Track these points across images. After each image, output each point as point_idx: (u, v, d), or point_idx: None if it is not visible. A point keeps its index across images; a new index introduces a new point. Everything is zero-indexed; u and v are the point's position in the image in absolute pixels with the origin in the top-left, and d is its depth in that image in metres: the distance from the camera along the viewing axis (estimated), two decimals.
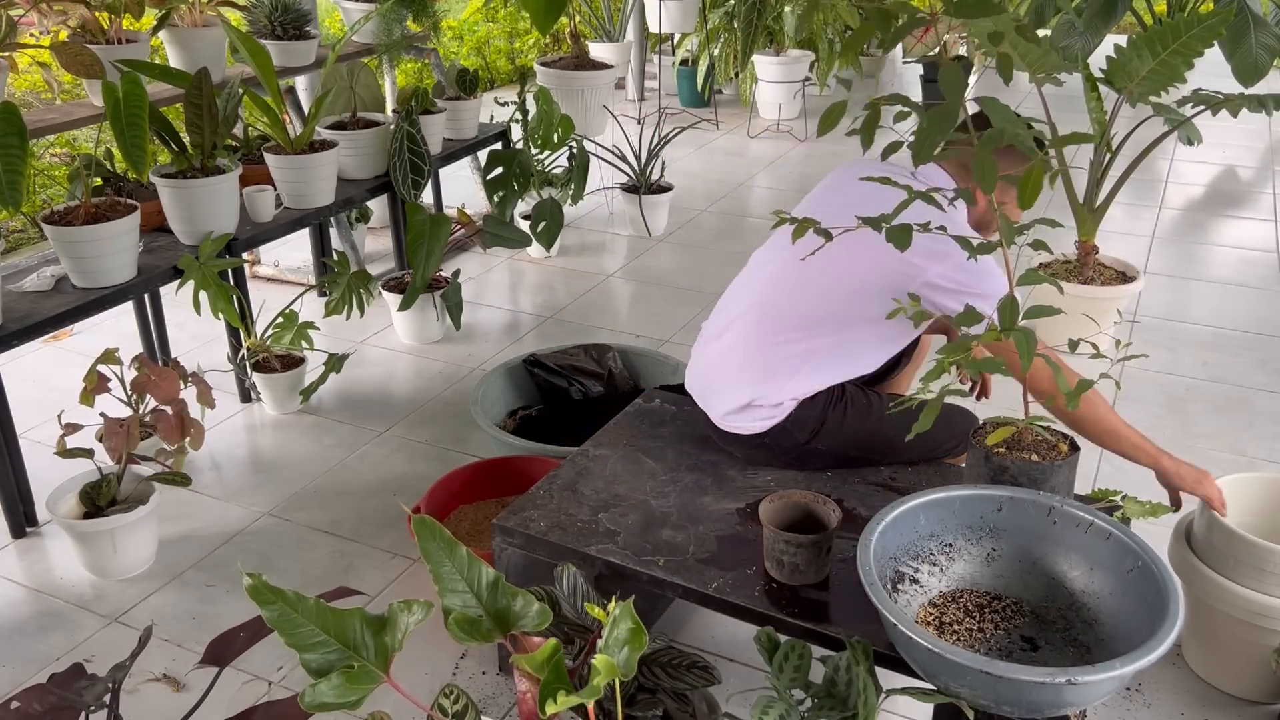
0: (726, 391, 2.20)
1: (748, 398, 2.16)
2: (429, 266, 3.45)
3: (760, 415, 2.15)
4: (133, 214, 2.66)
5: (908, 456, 2.21)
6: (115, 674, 1.38)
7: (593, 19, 6.74)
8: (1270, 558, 1.90)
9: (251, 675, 2.13)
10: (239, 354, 3.15)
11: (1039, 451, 1.76)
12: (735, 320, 2.22)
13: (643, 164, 4.63)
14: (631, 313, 3.93)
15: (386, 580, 2.44)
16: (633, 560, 1.92)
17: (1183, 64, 3.00)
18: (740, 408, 2.17)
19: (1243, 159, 5.86)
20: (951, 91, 1.63)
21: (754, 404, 2.16)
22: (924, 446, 2.20)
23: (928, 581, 1.67)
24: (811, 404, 2.15)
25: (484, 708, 2.05)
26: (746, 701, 2.00)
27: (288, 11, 3.44)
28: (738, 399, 2.17)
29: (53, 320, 2.57)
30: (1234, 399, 3.23)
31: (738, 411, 2.18)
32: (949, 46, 6.38)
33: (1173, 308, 3.91)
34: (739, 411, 2.18)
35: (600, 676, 1.15)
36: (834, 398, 2.18)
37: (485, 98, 4.33)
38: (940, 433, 2.20)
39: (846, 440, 2.16)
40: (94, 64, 2.69)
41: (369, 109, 3.96)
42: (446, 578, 1.25)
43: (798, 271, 2.13)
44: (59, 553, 2.53)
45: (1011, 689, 1.36)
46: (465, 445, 3.02)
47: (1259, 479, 2.17)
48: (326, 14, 6.40)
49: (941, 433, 2.20)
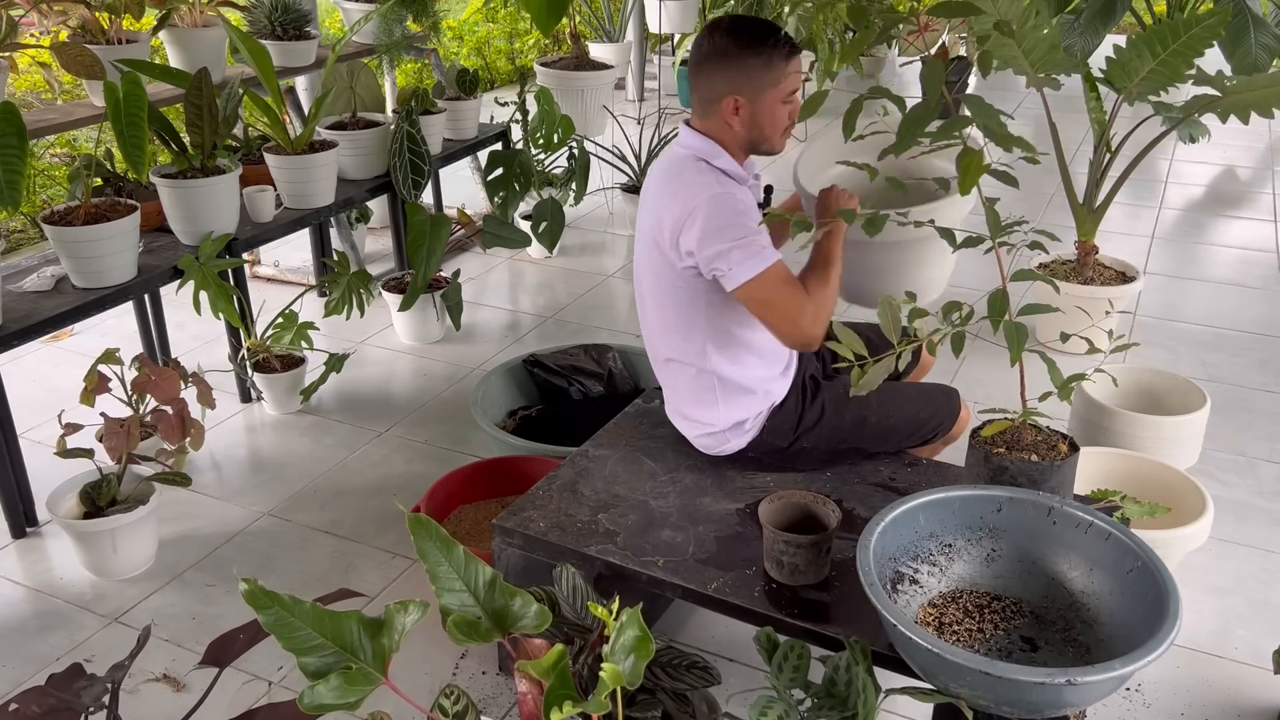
0: (679, 421, 2.24)
1: (701, 427, 2.19)
2: (429, 267, 3.45)
3: (730, 437, 2.17)
4: (133, 214, 2.66)
5: (897, 440, 2.21)
6: (114, 674, 1.38)
7: (593, 19, 6.74)
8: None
9: (251, 675, 2.13)
10: (239, 354, 3.15)
11: (1039, 451, 1.76)
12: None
13: (643, 164, 4.63)
14: (631, 313, 3.93)
15: (387, 580, 2.44)
16: (632, 560, 1.92)
17: (1182, 64, 3.00)
18: (703, 435, 2.20)
19: (1242, 159, 5.86)
20: (931, 86, 1.65)
21: (713, 430, 2.18)
22: (909, 426, 2.20)
23: (927, 582, 1.67)
24: (782, 411, 2.16)
25: (484, 708, 2.05)
26: (746, 701, 2.00)
27: (288, 11, 3.44)
28: (694, 429, 2.21)
29: (53, 320, 2.57)
30: (1234, 399, 3.23)
31: (707, 436, 2.20)
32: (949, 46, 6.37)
33: (1173, 308, 3.91)
34: (708, 437, 2.20)
35: (607, 688, 1.15)
36: (806, 397, 2.18)
37: (485, 98, 4.33)
38: (922, 411, 2.21)
39: (830, 434, 2.17)
40: (94, 64, 2.69)
41: (369, 109, 3.95)
42: (443, 577, 1.25)
43: (643, 307, 2.22)
44: (59, 553, 2.53)
45: (1011, 689, 1.36)
46: (465, 445, 3.02)
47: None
48: (326, 14, 6.41)
49: (923, 411, 2.21)
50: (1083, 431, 2.69)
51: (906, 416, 2.20)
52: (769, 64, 1.96)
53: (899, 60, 8.19)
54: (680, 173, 2.03)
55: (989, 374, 3.29)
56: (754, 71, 1.97)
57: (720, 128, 2.04)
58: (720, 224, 1.93)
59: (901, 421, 2.19)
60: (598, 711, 1.15)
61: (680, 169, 2.04)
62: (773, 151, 2.07)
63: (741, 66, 1.97)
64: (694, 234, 1.95)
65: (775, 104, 1.99)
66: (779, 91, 1.98)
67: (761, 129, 2.02)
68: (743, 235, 1.93)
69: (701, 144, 2.05)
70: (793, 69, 1.98)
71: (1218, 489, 2.75)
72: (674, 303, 2.09)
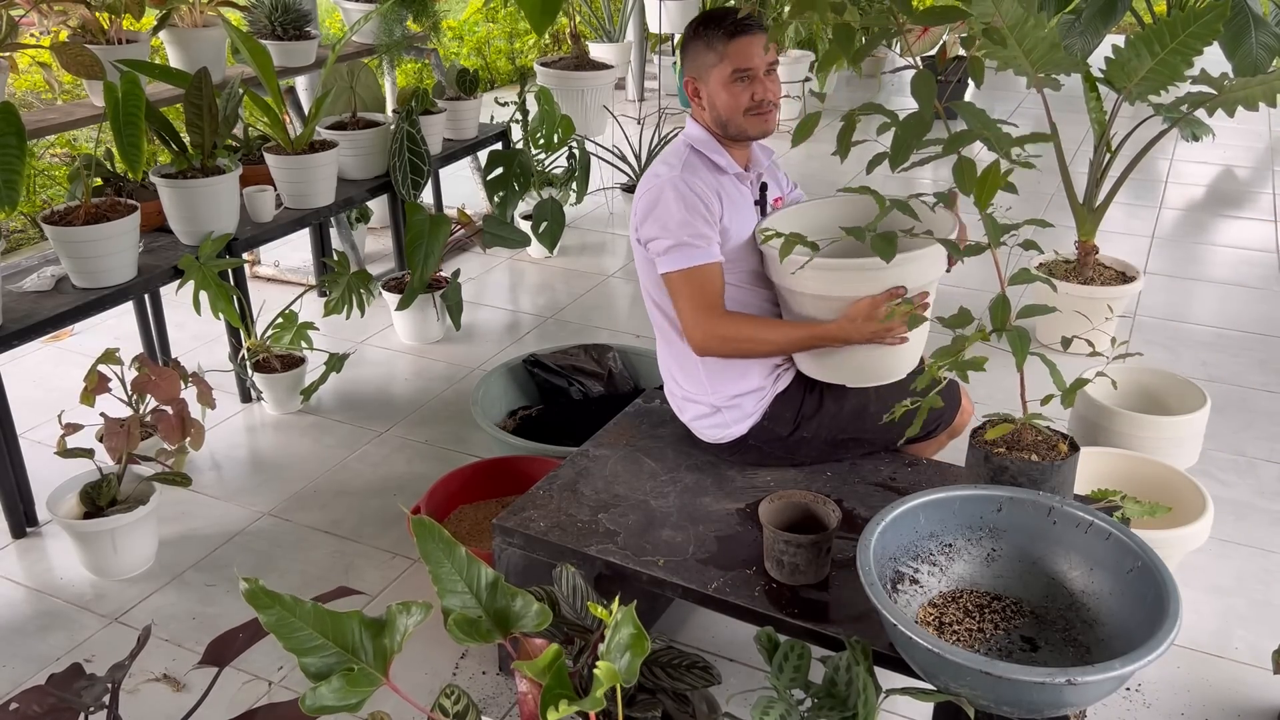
0: (678, 402, 2.27)
1: (698, 408, 2.21)
2: (429, 266, 3.45)
3: (731, 421, 2.17)
4: (133, 214, 2.66)
5: (898, 431, 2.20)
6: (114, 674, 1.38)
7: (592, 19, 6.74)
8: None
9: (251, 675, 2.13)
10: (239, 354, 3.15)
11: (1039, 451, 1.76)
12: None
13: (643, 164, 4.64)
14: (631, 313, 3.93)
15: (387, 580, 2.44)
16: (633, 560, 1.92)
17: (1182, 62, 3.00)
18: (701, 418, 2.21)
19: (1242, 159, 5.86)
20: (923, 98, 1.65)
21: (711, 410, 2.19)
22: (909, 417, 2.20)
23: (927, 582, 1.67)
24: (785, 397, 2.16)
25: (484, 708, 2.05)
26: (746, 701, 2.00)
27: (288, 12, 3.44)
28: (692, 411, 2.23)
29: (53, 320, 2.57)
30: (1234, 399, 3.23)
31: (705, 419, 2.21)
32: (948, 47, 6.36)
33: (1173, 308, 3.91)
34: (705, 418, 2.20)
35: (602, 686, 1.15)
36: (807, 384, 2.18)
37: (485, 98, 4.33)
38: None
39: (830, 423, 2.17)
40: (94, 64, 2.69)
41: (369, 109, 3.96)
42: (445, 578, 1.25)
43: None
44: (59, 553, 2.53)
45: (1011, 689, 1.36)
46: (465, 445, 3.02)
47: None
48: (326, 14, 6.40)
49: None
50: (1083, 431, 2.69)
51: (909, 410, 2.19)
52: (709, 44, 2.08)
53: (899, 61, 8.20)
54: (659, 160, 2.16)
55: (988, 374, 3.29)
56: (700, 54, 2.10)
57: (697, 112, 2.17)
58: (668, 209, 2.04)
59: (904, 416, 2.19)
60: (594, 709, 1.15)
61: (662, 156, 2.17)
62: (747, 135, 2.12)
63: (693, 51, 2.11)
64: (640, 213, 2.09)
65: (723, 83, 2.07)
66: (722, 71, 2.07)
67: (718, 109, 2.10)
68: (680, 226, 2.02)
69: (694, 130, 2.17)
70: (736, 48, 2.05)
71: (1218, 489, 2.75)
72: (659, 284, 2.15)
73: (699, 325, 2.05)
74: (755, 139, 2.15)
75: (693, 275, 2.03)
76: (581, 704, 1.16)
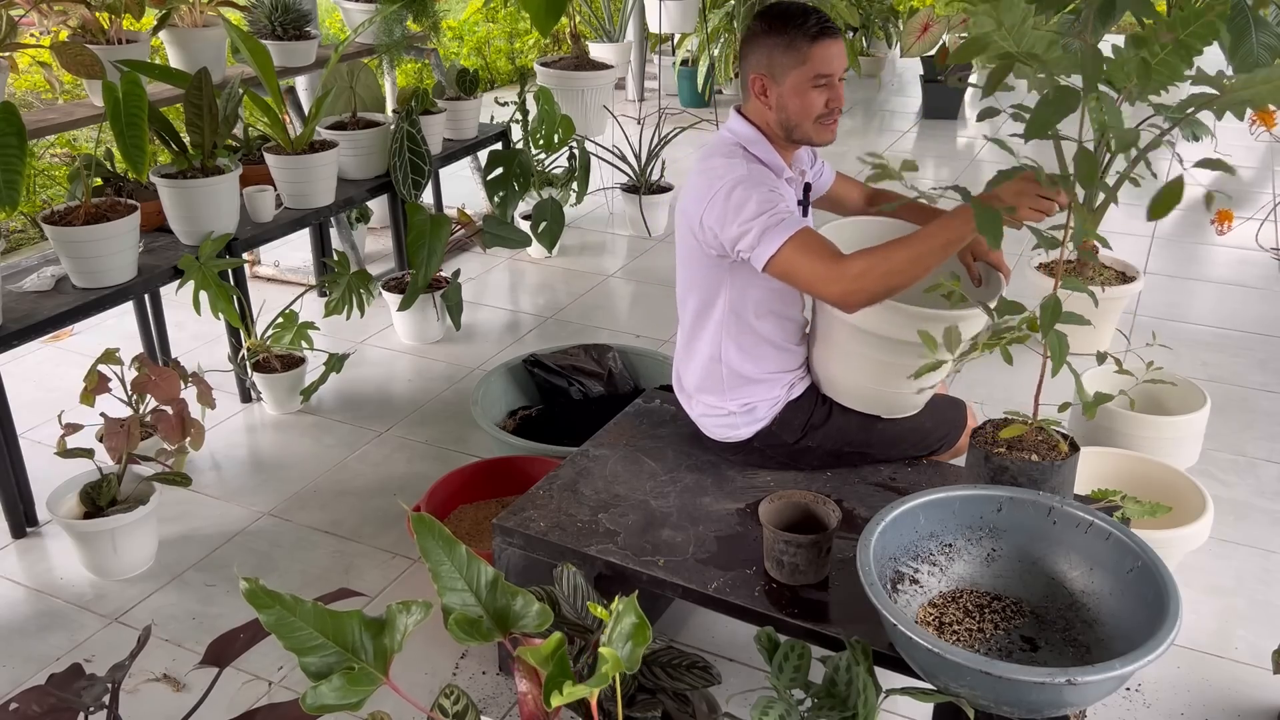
0: (689, 402, 2.24)
1: (710, 408, 2.19)
2: (429, 267, 3.45)
3: (741, 423, 2.17)
4: (133, 214, 2.66)
5: (901, 449, 2.21)
6: (114, 674, 1.38)
7: (593, 19, 6.74)
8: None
9: (252, 675, 2.13)
10: (239, 354, 3.15)
11: (1039, 451, 1.76)
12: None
13: (643, 164, 4.63)
14: (631, 313, 3.93)
15: (387, 580, 2.44)
16: (633, 560, 1.92)
17: (1182, 62, 2.99)
18: (711, 416, 2.20)
19: (1242, 159, 5.86)
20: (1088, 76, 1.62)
21: (722, 413, 2.18)
22: (915, 437, 2.20)
23: (927, 582, 1.67)
24: (797, 405, 2.16)
25: (484, 708, 2.05)
26: (746, 701, 2.00)
27: (288, 12, 3.44)
28: (703, 410, 2.21)
29: (53, 320, 2.57)
30: (1234, 399, 3.23)
31: (715, 418, 2.20)
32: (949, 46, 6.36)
33: (1173, 308, 3.91)
34: (716, 418, 2.20)
35: (608, 665, 1.15)
36: (818, 395, 2.18)
37: (485, 98, 4.33)
38: (927, 421, 2.21)
39: (836, 434, 2.17)
40: (94, 64, 2.69)
41: (369, 109, 3.95)
42: (446, 577, 1.25)
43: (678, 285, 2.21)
44: (59, 553, 2.53)
45: (1011, 689, 1.36)
46: (465, 445, 3.02)
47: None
48: (326, 14, 6.40)
49: (928, 421, 2.21)
50: (1083, 431, 2.69)
51: (913, 425, 2.20)
52: (792, 44, 1.97)
53: (899, 60, 8.20)
54: (712, 154, 2.05)
55: (988, 374, 3.29)
56: (778, 53, 1.98)
57: (758, 110, 2.05)
58: (742, 202, 1.93)
59: (908, 430, 2.19)
60: (598, 687, 1.15)
61: (714, 150, 2.06)
62: (810, 141, 2.05)
63: (767, 48, 2.00)
64: (715, 212, 1.96)
65: (801, 86, 1.98)
66: (803, 73, 1.97)
67: (789, 112, 2.01)
68: (761, 212, 1.90)
69: (743, 128, 2.07)
70: (820, 52, 1.96)
71: (1218, 489, 2.75)
72: (701, 283, 2.10)
73: (830, 279, 1.85)
74: (817, 145, 2.08)
75: (796, 242, 1.88)
76: (585, 685, 1.16)
